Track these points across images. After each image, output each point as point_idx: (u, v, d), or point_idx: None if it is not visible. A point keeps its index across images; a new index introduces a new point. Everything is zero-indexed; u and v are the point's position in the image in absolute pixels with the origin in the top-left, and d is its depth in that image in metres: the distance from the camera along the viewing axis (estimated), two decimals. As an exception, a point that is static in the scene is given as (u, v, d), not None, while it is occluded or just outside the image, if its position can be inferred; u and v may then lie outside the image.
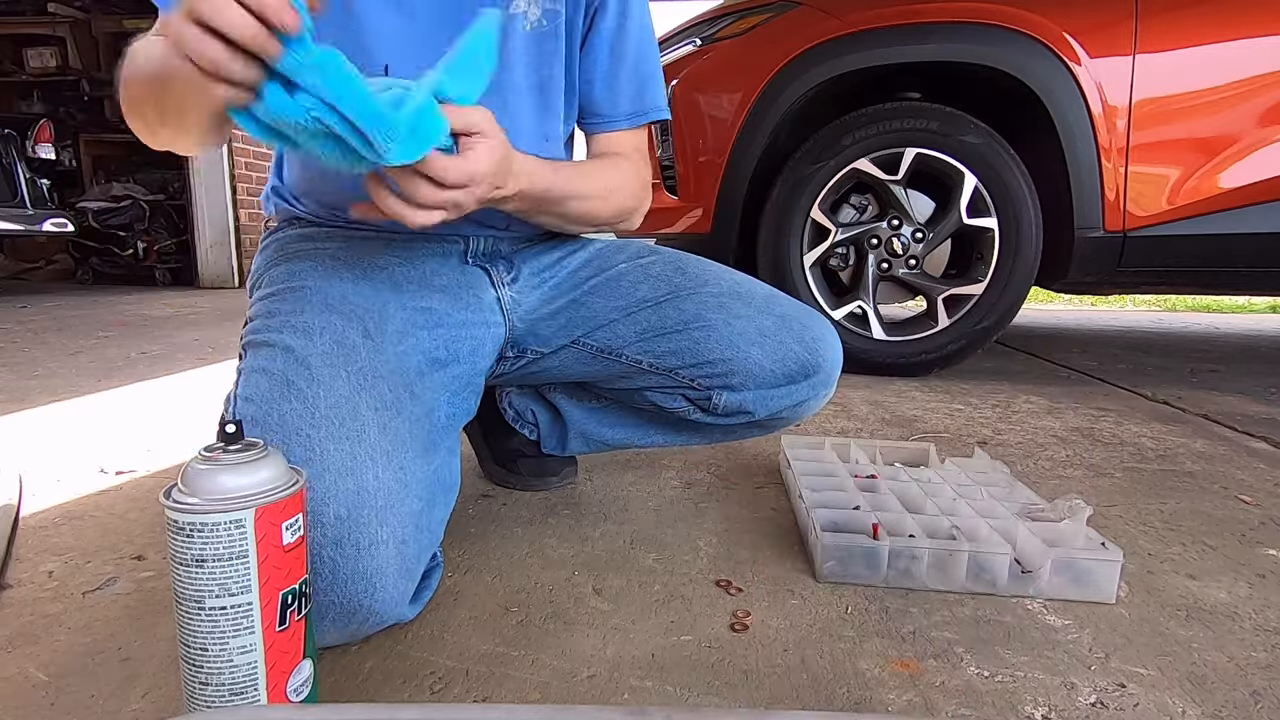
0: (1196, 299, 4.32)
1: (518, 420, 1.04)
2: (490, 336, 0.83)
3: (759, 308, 0.86)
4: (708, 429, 0.92)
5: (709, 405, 0.86)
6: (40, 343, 2.26)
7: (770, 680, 0.59)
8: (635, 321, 0.85)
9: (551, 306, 0.87)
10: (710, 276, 0.87)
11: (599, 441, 1.01)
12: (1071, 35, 1.65)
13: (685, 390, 0.86)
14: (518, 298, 0.85)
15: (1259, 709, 0.57)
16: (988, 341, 1.84)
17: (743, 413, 0.86)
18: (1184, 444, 1.32)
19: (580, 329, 0.86)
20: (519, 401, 1.04)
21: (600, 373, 0.90)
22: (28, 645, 0.63)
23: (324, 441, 0.58)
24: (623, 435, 0.99)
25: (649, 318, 0.85)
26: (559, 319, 0.87)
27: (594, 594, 0.73)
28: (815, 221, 1.85)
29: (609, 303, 0.86)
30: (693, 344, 0.83)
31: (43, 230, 3.89)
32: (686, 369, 0.85)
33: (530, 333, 0.87)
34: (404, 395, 0.67)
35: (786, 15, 1.82)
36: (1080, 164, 1.69)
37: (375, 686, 0.58)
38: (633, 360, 0.86)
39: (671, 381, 0.86)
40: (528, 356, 0.89)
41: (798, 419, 0.91)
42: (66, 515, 0.91)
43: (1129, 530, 0.92)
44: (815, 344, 0.85)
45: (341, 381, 0.62)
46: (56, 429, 1.29)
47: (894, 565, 0.75)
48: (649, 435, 0.98)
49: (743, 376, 0.84)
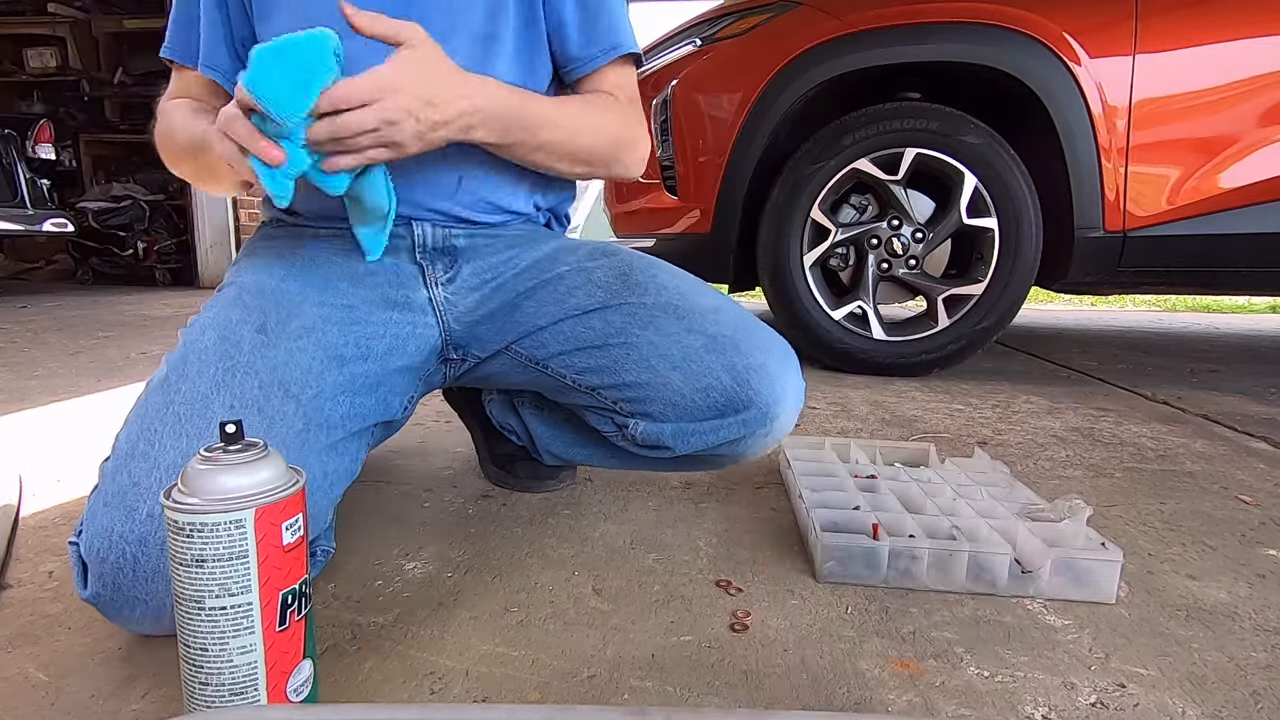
0: (1196, 299, 4.32)
1: (502, 429, 1.04)
2: (416, 336, 0.80)
3: (691, 325, 0.75)
4: (653, 461, 0.85)
5: (629, 436, 0.79)
6: (40, 343, 2.26)
7: (770, 680, 0.59)
8: (561, 331, 0.79)
9: (487, 308, 0.82)
10: (654, 285, 0.78)
11: (569, 461, 0.99)
12: (1071, 35, 1.65)
13: (611, 413, 0.80)
14: (452, 299, 0.81)
15: (1259, 709, 0.57)
16: (988, 341, 1.84)
17: (661, 447, 0.77)
18: (1184, 444, 1.32)
19: (512, 335, 0.82)
20: (498, 412, 1.03)
21: (536, 384, 0.86)
22: (28, 645, 0.63)
23: (164, 436, 0.59)
24: (584, 454, 0.95)
25: (575, 328, 0.78)
26: (495, 322, 0.82)
27: (594, 594, 0.73)
28: (815, 221, 1.85)
29: (542, 309, 0.80)
30: (612, 362, 0.76)
31: (43, 230, 3.89)
32: (607, 389, 0.77)
33: (470, 335, 0.83)
34: (275, 393, 0.65)
35: (786, 15, 1.82)
36: (1080, 164, 1.69)
37: (375, 686, 0.58)
38: (558, 374, 0.81)
39: (597, 401, 0.80)
40: (469, 361, 0.85)
41: (737, 459, 0.80)
42: (66, 515, 0.91)
43: (1129, 530, 0.92)
44: (748, 374, 0.73)
45: (206, 379, 0.63)
46: (56, 429, 1.29)
47: (894, 565, 0.75)
48: (606, 458, 0.93)
49: (661, 405, 0.75)
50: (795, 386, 0.77)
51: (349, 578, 0.75)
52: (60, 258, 5.19)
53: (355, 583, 0.74)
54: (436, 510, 0.94)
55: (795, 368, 0.78)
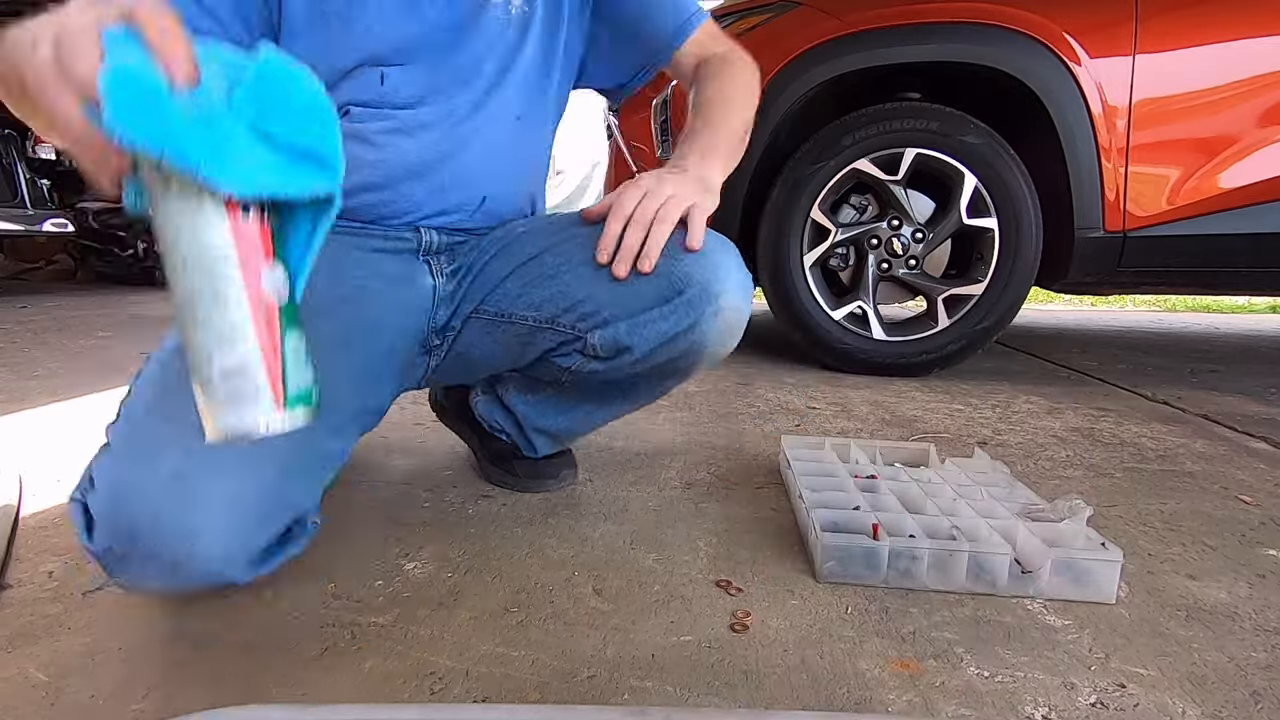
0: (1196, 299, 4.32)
1: (489, 428, 1.05)
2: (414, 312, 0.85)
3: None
4: (629, 389, 0.90)
5: (593, 351, 0.81)
6: (40, 343, 2.26)
7: (770, 680, 0.59)
8: (519, 277, 0.84)
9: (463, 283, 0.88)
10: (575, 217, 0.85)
11: (556, 434, 1.01)
12: (1071, 35, 1.65)
13: (572, 342, 0.83)
14: (445, 285, 0.87)
15: (1259, 709, 0.57)
16: (988, 341, 1.84)
17: (622, 350, 0.79)
18: (1184, 444, 1.32)
19: (479, 296, 0.86)
20: (484, 409, 1.04)
21: (505, 347, 0.88)
22: (28, 645, 0.63)
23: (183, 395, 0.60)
24: (569, 421, 0.98)
25: (530, 271, 0.83)
26: (464, 288, 0.88)
27: (594, 594, 0.73)
28: (815, 222, 1.85)
29: (502, 267, 0.85)
30: (564, 287, 0.80)
31: (43, 230, 3.89)
32: (563, 315, 0.82)
33: (450, 312, 0.88)
34: None
35: (786, 15, 1.82)
36: (1080, 164, 1.69)
37: (375, 686, 0.58)
38: (520, 318, 0.84)
39: (558, 334, 0.83)
40: (447, 341, 0.89)
41: (701, 355, 0.80)
42: (66, 515, 0.91)
43: (1129, 530, 0.92)
44: (683, 257, 0.76)
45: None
46: (56, 429, 1.29)
47: (894, 565, 0.75)
48: (590, 415, 0.97)
49: (611, 306, 0.78)
50: (733, 266, 0.78)
51: (349, 578, 0.75)
52: (60, 258, 5.19)
53: (355, 583, 0.74)
54: (436, 510, 0.94)
55: (733, 254, 0.79)
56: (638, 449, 1.22)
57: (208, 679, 0.58)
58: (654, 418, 1.43)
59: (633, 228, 0.74)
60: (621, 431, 1.32)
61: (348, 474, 1.07)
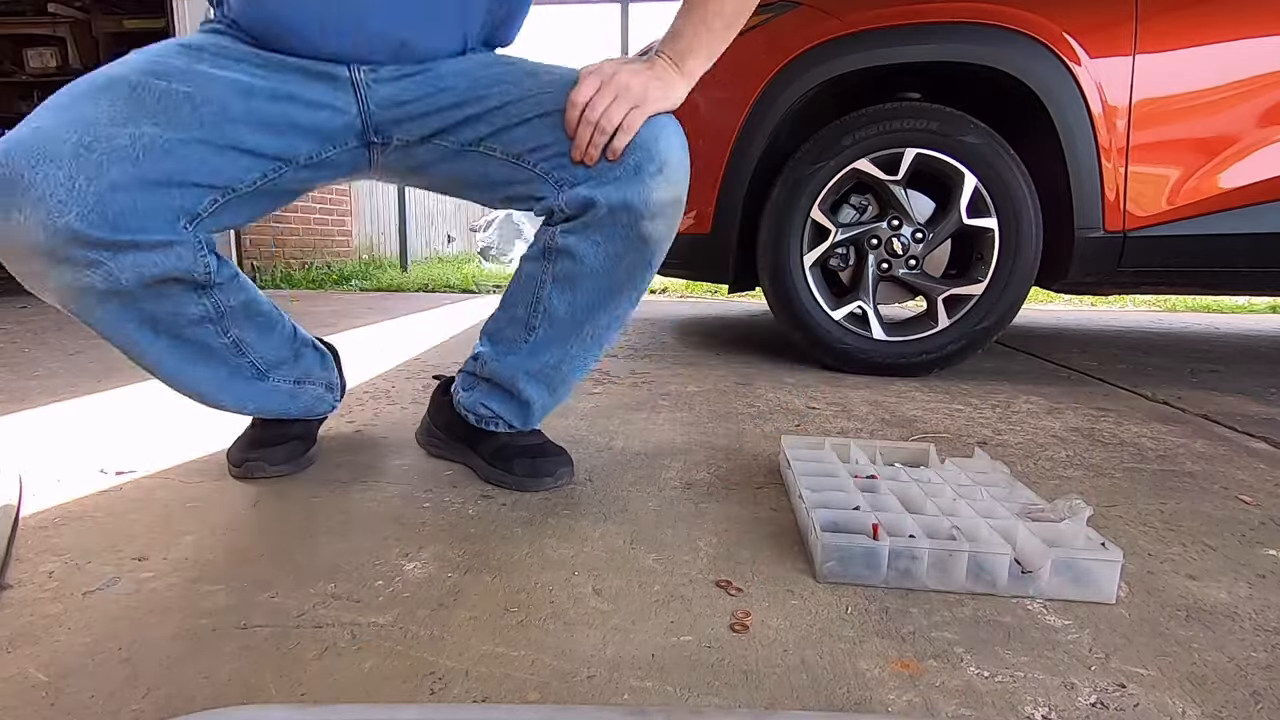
0: (1196, 299, 4.32)
1: (481, 420, 1.06)
2: (334, 107, 0.89)
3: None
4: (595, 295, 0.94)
5: (559, 206, 0.89)
6: (40, 343, 2.26)
7: (770, 680, 0.59)
8: (491, 120, 0.90)
9: (412, 95, 0.91)
10: (560, 71, 0.92)
11: (548, 378, 1.01)
12: (1071, 35, 1.65)
13: (540, 181, 0.90)
14: (375, 85, 0.90)
15: (1259, 709, 0.57)
16: (988, 341, 1.84)
17: (589, 205, 0.88)
18: (1184, 444, 1.32)
19: (438, 125, 0.91)
20: (468, 401, 1.06)
21: (462, 171, 0.94)
22: (28, 645, 0.63)
23: (82, 99, 0.77)
24: (558, 351, 0.99)
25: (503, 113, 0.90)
26: (419, 107, 0.91)
27: (594, 594, 0.73)
28: (815, 222, 1.85)
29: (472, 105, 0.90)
30: (531, 130, 0.89)
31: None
32: (530, 154, 0.89)
33: (392, 121, 0.91)
34: (181, 99, 0.80)
35: (786, 15, 1.82)
36: (1080, 164, 1.69)
37: (375, 686, 0.58)
38: (489, 149, 0.91)
39: (523, 170, 0.91)
40: (394, 144, 0.93)
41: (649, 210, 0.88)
42: (66, 515, 0.91)
43: (1129, 530, 0.92)
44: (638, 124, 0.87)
45: (127, 68, 0.81)
46: (56, 429, 1.29)
47: (894, 565, 0.75)
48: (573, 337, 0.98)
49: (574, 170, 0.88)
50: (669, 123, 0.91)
51: (349, 578, 0.75)
52: (60, 258, 5.18)
53: (355, 583, 0.74)
54: (436, 510, 0.94)
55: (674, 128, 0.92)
56: (638, 449, 1.22)
57: (208, 679, 0.58)
58: (654, 417, 1.43)
59: (583, 127, 0.86)
60: (621, 431, 1.32)
61: (348, 474, 1.07)
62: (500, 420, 1.05)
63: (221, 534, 0.86)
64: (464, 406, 1.07)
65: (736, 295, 4.38)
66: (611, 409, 1.50)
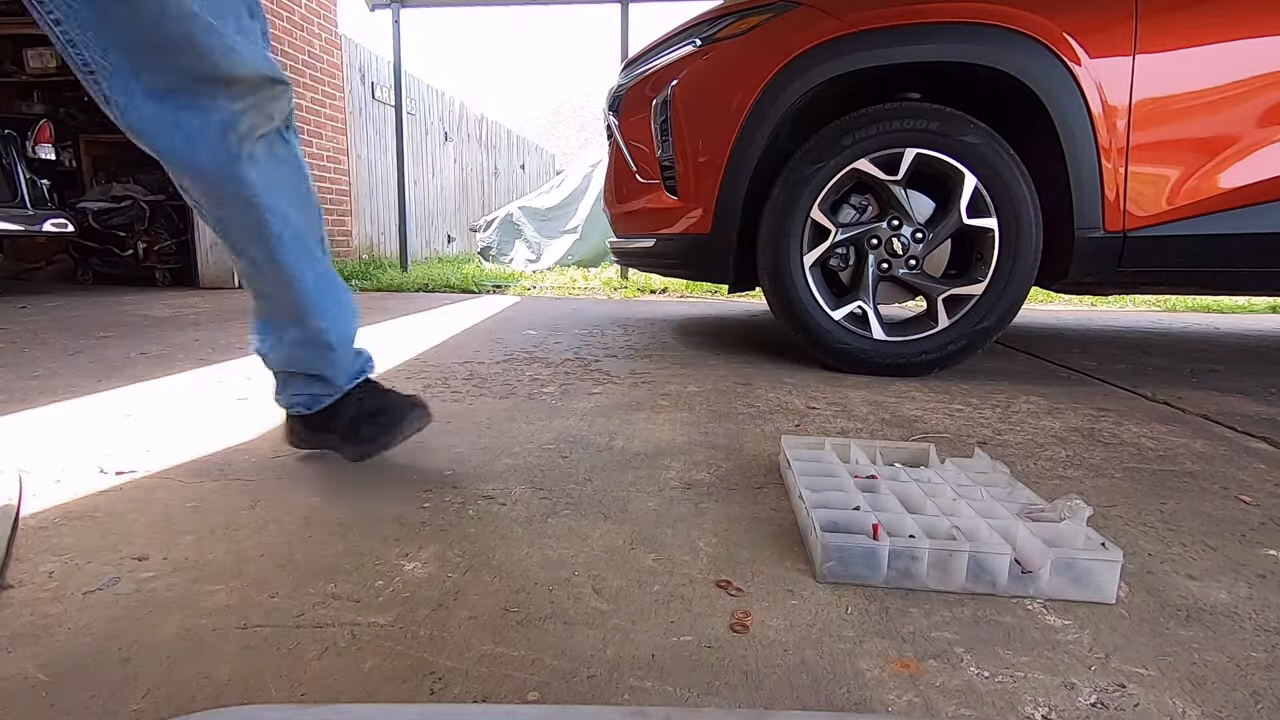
0: (1196, 299, 4.32)
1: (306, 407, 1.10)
2: None
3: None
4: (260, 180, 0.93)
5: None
6: (40, 343, 2.26)
7: (770, 680, 0.59)
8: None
9: None
10: None
11: (313, 318, 1.05)
12: (1071, 35, 1.65)
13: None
14: None
15: (1259, 709, 0.57)
16: (988, 341, 1.84)
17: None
18: (1184, 444, 1.32)
19: None
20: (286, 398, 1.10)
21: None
22: (28, 645, 0.63)
23: None
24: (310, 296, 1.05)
25: None
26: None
27: (594, 594, 0.73)
28: (815, 222, 1.85)
29: None
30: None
31: (43, 230, 3.89)
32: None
33: None
34: None
35: (786, 15, 1.82)
36: (1080, 164, 1.69)
37: (375, 686, 0.58)
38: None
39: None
40: None
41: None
42: (66, 515, 0.91)
43: (1129, 530, 0.92)
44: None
45: None
46: (56, 429, 1.29)
47: (894, 565, 0.75)
48: (297, 267, 1.03)
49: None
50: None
51: (349, 578, 0.75)
52: (60, 258, 5.19)
53: (355, 583, 0.74)
54: (436, 510, 0.94)
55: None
56: (638, 449, 1.22)
57: (208, 679, 0.58)
58: (654, 417, 1.43)
59: None
60: (621, 431, 1.32)
61: (348, 474, 1.07)
62: (322, 390, 1.09)
63: (221, 534, 0.86)
64: (283, 402, 1.11)
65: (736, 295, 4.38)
66: (611, 409, 1.50)
